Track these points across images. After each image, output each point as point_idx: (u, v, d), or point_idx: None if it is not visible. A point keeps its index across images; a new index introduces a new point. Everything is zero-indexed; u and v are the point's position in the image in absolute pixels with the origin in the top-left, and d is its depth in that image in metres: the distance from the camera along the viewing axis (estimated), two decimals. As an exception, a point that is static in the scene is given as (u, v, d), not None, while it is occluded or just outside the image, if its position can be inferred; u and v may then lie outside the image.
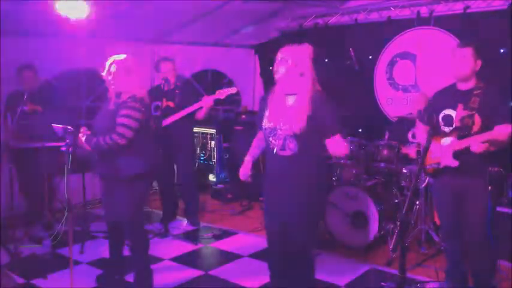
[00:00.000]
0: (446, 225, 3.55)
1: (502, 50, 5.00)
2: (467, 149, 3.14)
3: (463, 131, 3.22)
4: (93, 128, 3.52)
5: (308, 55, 2.87)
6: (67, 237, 3.23)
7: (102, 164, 3.49)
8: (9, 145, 4.35)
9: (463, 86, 3.33)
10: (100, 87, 6.08)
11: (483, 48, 3.36)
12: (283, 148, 2.88)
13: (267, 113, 2.95)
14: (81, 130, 3.42)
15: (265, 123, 2.95)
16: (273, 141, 2.90)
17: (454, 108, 3.29)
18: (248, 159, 3.22)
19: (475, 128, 3.18)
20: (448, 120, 3.32)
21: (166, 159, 5.02)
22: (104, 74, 3.49)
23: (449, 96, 3.40)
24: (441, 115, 3.36)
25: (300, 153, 2.85)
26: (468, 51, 3.27)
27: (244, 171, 3.20)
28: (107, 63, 3.49)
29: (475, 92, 3.24)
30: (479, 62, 3.28)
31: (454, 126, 3.28)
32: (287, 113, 2.85)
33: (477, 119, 3.19)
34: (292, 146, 2.85)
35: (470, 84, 3.30)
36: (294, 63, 2.82)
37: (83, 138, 3.36)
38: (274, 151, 2.90)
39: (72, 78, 5.83)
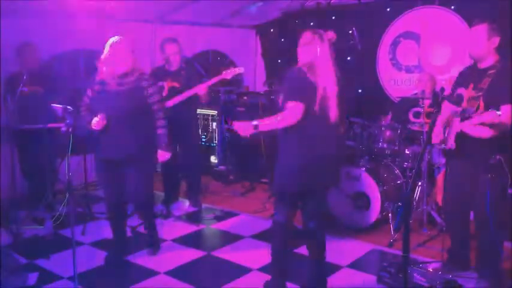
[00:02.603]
0: (450, 206, 3.54)
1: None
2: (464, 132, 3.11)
3: (466, 113, 3.15)
4: (100, 110, 3.52)
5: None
6: (69, 218, 3.24)
7: (116, 145, 3.53)
8: (9, 126, 4.33)
9: (481, 64, 3.21)
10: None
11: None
12: None
13: None
14: (99, 117, 3.49)
15: None
16: None
17: (466, 88, 3.21)
18: None
19: (480, 111, 3.10)
20: (459, 99, 3.25)
21: (170, 140, 5.00)
22: (104, 55, 3.51)
23: (467, 74, 3.30)
24: (454, 94, 3.29)
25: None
26: (481, 29, 3.15)
27: None
28: (108, 45, 3.52)
29: (489, 72, 3.13)
30: (495, 39, 3.13)
31: (462, 106, 3.21)
32: None
33: (481, 101, 3.11)
34: None
35: (488, 62, 3.18)
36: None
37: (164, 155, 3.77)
38: None
39: (71, 59, 5.77)
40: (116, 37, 3.56)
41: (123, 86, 3.54)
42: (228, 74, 4.77)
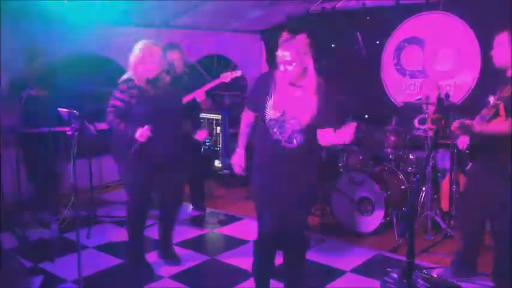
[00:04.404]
0: (468, 211, 3.53)
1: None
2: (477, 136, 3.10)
3: (482, 120, 3.14)
4: (140, 116, 3.51)
5: (309, 47, 2.81)
6: (74, 221, 3.25)
7: (160, 150, 3.56)
8: (15, 129, 4.35)
9: (508, 73, 3.17)
10: (103, 73, 6.11)
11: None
12: (289, 140, 2.85)
13: (270, 102, 2.87)
14: (146, 128, 3.47)
15: (270, 114, 2.87)
16: (278, 132, 2.86)
17: (494, 95, 3.18)
18: (241, 151, 3.13)
19: (499, 119, 3.08)
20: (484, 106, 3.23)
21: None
22: (137, 59, 3.55)
23: (498, 80, 3.24)
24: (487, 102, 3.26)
25: (305, 145, 2.86)
26: (504, 37, 3.10)
27: (240, 163, 3.12)
28: (139, 48, 3.58)
29: None
30: None
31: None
32: (295, 106, 2.83)
33: (501, 109, 3.08)
34: (298, 139, 2.85)
35: None
36: (297, 58, 2.76)
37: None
38: (280, 143, 2.86)
39: (76, 63, 5.81)
40: (146, 40, 3.59)
41: (160, 89, 3.59)
42: (226, 77, 4.75)
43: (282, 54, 2.79)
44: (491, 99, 3.23)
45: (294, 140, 2.85)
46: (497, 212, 3.26)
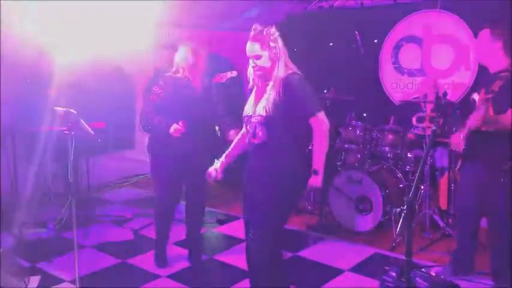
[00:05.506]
0: (462, 209, 3.53)
1: None
2: (470, 133, 3.09)
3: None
4: (175, 114, 3.57)
5: (277, 39, 2.75)
6: (71, 221, 3.24)
7: (193, 151, 3.66)
8: (12, 128, 4.34)
9: (492, 70, 3.21)
10: (103, 72, 6.08)
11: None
12: (254, 136, 2.75)
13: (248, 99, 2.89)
14: (181, 124, 3.52)
15: (244, 112, 2.85)
16: (249, 129, 2.79)
17: (479, 93, 3.17)
18: (223, 161, 2.97)
19: (490, 113, 3.09)
20: (473, 105, 3.23)
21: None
22: (187, 60, 3.70)
23: (481, 81, 3.29)
24: (471, 100, 3.27)
25: (269, 141, 2.71)
26: (484, 34, 3.15)
27: (211, 173, 2.95)
28: (190, 50, 3.71)
29: (502, 74, 3.11)
30: (498, 43, 3.11)
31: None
32: (261, 101, 2.73)
33: (490, 104, 3.11)
34: (261, 134, 2.72)
35: (499, 66, 3.16)
36: (265, 52, 2.70)
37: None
38: (250, 139, 2.80)
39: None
40: (197, 44, 3.76)
41: (199, 91, 3.70)
42: (222, 77, 4.75)
43: (250, 48, 2.72)
44: (475, 97, 3.23)
45: (258, 136, 2.72)
46: (493, 210, 3.26)
